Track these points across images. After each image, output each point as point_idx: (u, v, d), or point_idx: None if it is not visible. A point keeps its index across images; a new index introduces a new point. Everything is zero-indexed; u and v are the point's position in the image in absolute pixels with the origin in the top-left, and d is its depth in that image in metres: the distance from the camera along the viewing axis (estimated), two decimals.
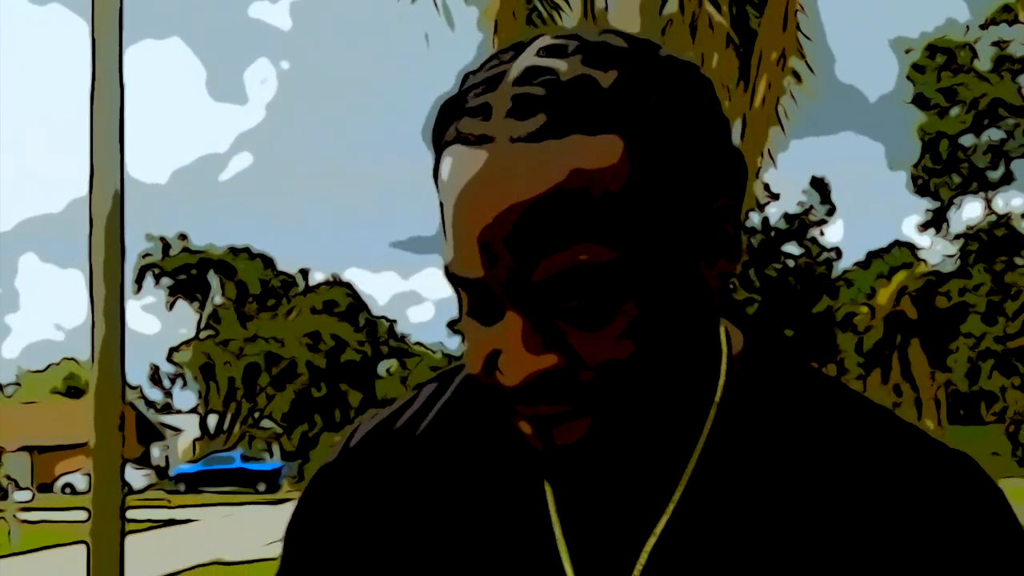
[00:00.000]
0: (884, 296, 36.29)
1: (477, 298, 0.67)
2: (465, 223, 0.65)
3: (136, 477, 36.94)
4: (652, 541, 0.71)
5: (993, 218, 37.24)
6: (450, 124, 0.68)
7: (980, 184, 37.34)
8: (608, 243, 0.63)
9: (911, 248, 51.67)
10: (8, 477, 30.21)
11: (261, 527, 20.70)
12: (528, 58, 0.67)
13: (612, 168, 0.64)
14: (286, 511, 0.94)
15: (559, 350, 0.65)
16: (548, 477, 0.75)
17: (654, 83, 0.66)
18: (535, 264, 0.64)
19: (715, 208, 0.68)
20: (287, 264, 59.53)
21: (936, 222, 39.15)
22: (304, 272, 61.25)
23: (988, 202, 37.65)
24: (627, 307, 0.65)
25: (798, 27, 7.79)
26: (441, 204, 0.69)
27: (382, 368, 58.56)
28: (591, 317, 0.65)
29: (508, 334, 0.65)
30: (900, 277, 36.85)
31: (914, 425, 0.74)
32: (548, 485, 0.75)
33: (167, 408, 61.85)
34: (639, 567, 0.71)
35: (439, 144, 0.69)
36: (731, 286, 0.74)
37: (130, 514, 6.88)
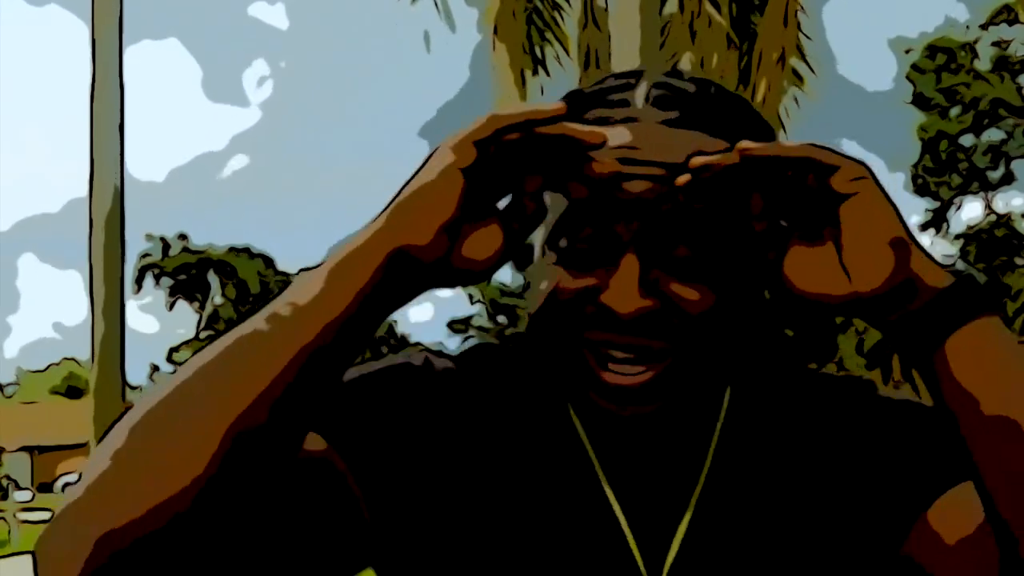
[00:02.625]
0: None
1: (595, 242, 0.78)
2: (609, 172, 0.76)
3: None
4: (696, 495, 0.84)
5: (993, 218, 37.24)
6: (583, 112, 0.81)
7: (980, 184, 37.34)
8: (711, 215, 0.77)
9: None
10: (8, 477, 30.20)
11: None
12: (656, 76, 0.84)
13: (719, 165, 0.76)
14: None
15: (660, 295, 0.77)
16: (593, 444, 0.85)
17: (747, 117, 0.84)
18: (662, 205, 0.77)
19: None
20: (287, 264, 59.55)
21: (936, 222, 39.14)
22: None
23: (988, 202, 37.65)
24: (719, 272, 0.79)
25: (798, 27, 7.79)
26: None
27: None
28: (691, 268, 0.78)
29: (622, 273, 0.77)
30: None
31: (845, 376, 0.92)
32: (592, 452, 0.85)
33: None
34: (686, 519, 0.83)
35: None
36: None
37: None
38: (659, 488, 0.84)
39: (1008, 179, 37.25)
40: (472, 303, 49.97)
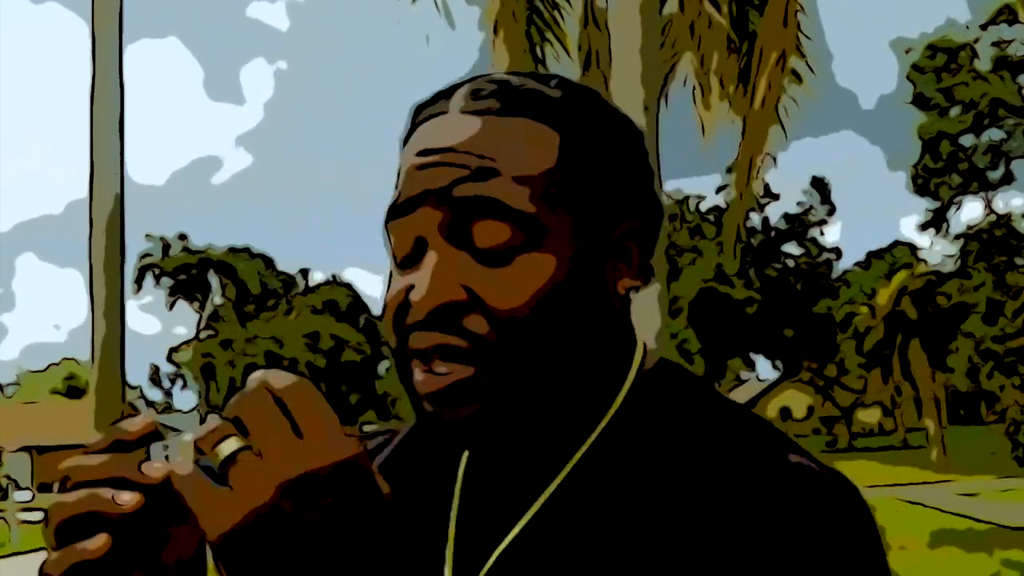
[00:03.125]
0: (884, 296, 36.22)
1: (406, 242, 0.75)
2: (410, 169, 0.75)
3: None
4: (527, 516, 0.76)
5: (993, 218, 37.26)
6: (413, 124, 0.80)
7: (980, 184, 37.36)
8: (520, 202, 0.72)
9: (911, 248, 51.70)
10: (8, 477, 30.19)
11: None
12: (494, 74, 0.79)
13: (543, 151, 0.74)
14: None
15: (465, 287, 0.72)
16: (464, 451, 0.81)
17: (592, 109, 0.78)
18: (457, 185, 0.72)
19: (621, 227, 0.77)
20: (287, 264, 59.60)
21: (936, 222, 39.17)
22: (304, 272, 61.34)
23: (988, 202, 37.67)
24: (528, 259, 0.72)
25: (798, 27, 7.79)
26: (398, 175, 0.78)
27: (382, 368, 58.51)
28: (496, 255, 0.72)
29: (424, 267, 0.72)
30: (900, 277, 36.77)
31: (798, 448, 0.74)
32: (465, 461, 0.82)
33: (167, 408, 61.93)
34: (507, 540, 0.76)
35: (406, 143, 0.80)
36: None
37: None
38: (497, 503, 0.78)
39: (1008, 179, 37.29)
40: None
